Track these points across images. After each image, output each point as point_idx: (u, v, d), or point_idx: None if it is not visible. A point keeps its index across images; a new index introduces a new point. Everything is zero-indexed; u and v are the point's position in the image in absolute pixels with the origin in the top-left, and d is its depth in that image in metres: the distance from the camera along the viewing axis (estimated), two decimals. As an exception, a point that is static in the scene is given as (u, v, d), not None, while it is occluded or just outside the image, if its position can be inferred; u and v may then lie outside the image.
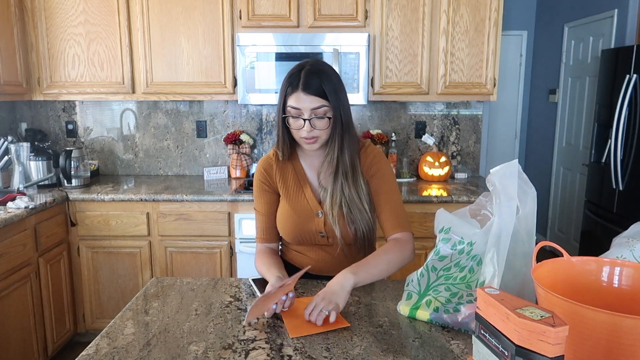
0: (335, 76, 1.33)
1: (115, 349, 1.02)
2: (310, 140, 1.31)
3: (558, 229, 4.55)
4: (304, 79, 1.29)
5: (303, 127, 1.30)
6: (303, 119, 1.29)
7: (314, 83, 1.28)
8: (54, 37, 2.78)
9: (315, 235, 1.41)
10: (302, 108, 1.28)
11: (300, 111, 1.29)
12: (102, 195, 2.61)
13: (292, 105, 1.29)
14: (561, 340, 0.65)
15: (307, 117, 1.29)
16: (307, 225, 1.40)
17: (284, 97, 1.32)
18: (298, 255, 1.49)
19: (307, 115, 1.29)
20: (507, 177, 0.99)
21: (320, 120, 1.30)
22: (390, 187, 1.41)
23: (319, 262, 1.45)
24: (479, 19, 2.75)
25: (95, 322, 2.75)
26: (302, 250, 1.48)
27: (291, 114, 1.31)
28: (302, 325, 1.11)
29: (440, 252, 1.09)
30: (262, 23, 2.75)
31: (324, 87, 1.29)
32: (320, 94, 1.28)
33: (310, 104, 1.28)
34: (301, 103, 1.28)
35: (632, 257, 1.02)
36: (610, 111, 3.12)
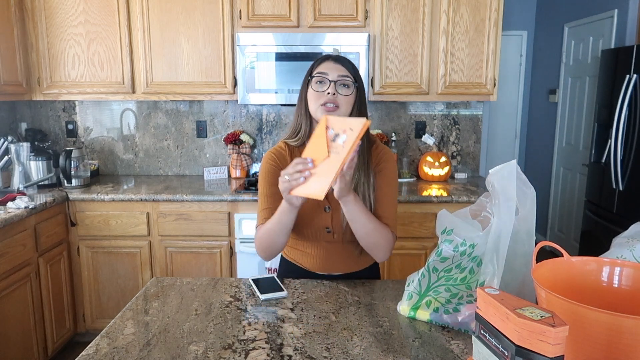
0: (359, 72, 1.42)
1: (115, 349, 1.02)
2: (330, 107, 1.32)
3: (558, 229, 4.55)
4: (335, 55, 1.39)
5: (327, 89, 1.32)
6: (329, 80, 1.32)
7: (344, 59, 1.38)
8: (54, 37, 2.78)
9: (320, 231, 1.41)
10: (329, 72, 1.33)
11: (326, 75, 1.33)
12: (102, 195, 2.61)
13: (319, 71, 1.34)
14: (561, 340, 0.65)
15: (333, 79, 1.32)
16: (314, 220, 1.40)
17: (312, 69, 1.37)
18: (298, 252, 1.48)
19: (332, 78, 1.32)
20: (506, 177, 0.99)
21: (345, 88, 1.33)
22: (390, 187, 1.42)
23: (320, 259, 1.45)
24: (479, 19, 2.75)
25: (95, 322, 2.75)
26: (303, 247, 1.47)
27: (317, 79, 1.34)
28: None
29: (443, 254, 1.09)
30: (262, 23, 2.75)
31: (352, 67, 1.37)
32: (349, 69, 1.35)
33: (337, 71, 1.33)
34: (329, 69, 1.34)
35: (632, 257, 1.02)
36: (610, 111, 3.12)
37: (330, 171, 1.08)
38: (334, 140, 1.10)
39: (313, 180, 1.11)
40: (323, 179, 1.09)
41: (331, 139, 1.11)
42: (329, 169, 1.09)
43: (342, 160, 1.07)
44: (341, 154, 1.08)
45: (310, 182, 1.11)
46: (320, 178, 1.10)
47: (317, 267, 1.45)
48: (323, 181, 1.09)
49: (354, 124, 1.09)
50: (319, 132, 1.12)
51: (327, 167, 1.09)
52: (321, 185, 1.09)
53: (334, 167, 1.08)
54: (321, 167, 1.10)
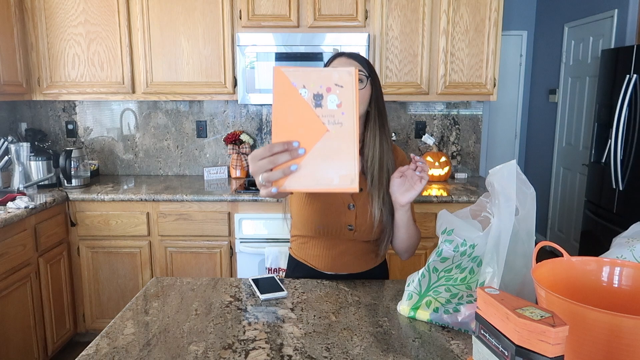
0: (374, 68, 1.37)
1: (115, 349, 1.02)
2: None
3: (558, 229, 4.55)
4: (347, 52, 1.34)
5: None
6: None
7: (358, 56, 1.34)
8: (54, 37, 2.78)
9: (342, 228, 1.38)
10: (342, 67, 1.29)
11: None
12: (102, 195, 2.61)
13: (332, 67, 1.30)
14: (561, 340, 0.65)
15: None
16: (336, 217, 1.37)
17: (326, 66, 1.33)
18: (309, 251, 1.45)
19: None
20: (506, 178, 0.99)
21: (359, 83, 1.27)
22: None
23: (332, 258, 1.42)
24: (479, 19, 2.75)
25: (95, 322, 2.75)
26: (315, 245, 1.43)
27: None
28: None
29: (443, 254, 1.09)
30: (262, 23, 2.75)
31: (366, 63, 1.33)
32: (362, 64, 1.31)
33: (350, 66, 1.28)
34: (342, 64, 1.30)
35: (632, 257, 1.02)
36: (610, 111, 3.12)
37: (343, 151, 0.83)
38: (319, 105, 0.83)
39: (318, 169, 0.84)
40: (338, 164, 0.84)
41: (312, 103, 0.84)
42: (337, 147, 0.83)
43: (355, 132, 0.83)
44: (347, 124, 0.83)
45: (316, 171, 0.84)
46: (330, 163, 0.84)
47: (329, 266, 1.43)
48: (341, 167, 0.83)
49: (336, 76, 0.83)
50: (288, 93, 0.83)
51: (331, 145, 0.84)
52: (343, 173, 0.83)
53: (346, 143, 0.83)
54: (321, 148, 0.84)
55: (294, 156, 0.83)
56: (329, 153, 0.83)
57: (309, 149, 0.83)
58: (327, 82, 0.84)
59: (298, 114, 0.83)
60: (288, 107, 0.83)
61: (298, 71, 0.83)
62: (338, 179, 0.83)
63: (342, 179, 0.83)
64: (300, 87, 0.83)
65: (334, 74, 0.83)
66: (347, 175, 0.83)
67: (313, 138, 0.83)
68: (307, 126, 0.83)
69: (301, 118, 0.83)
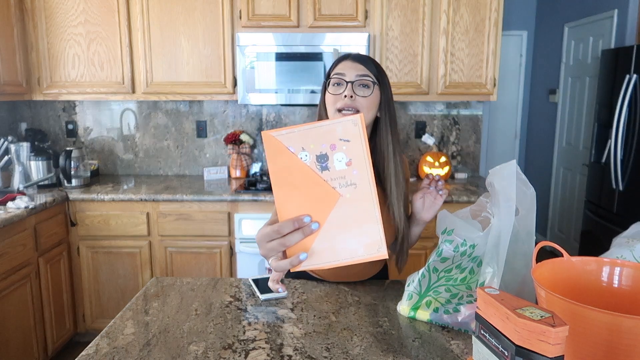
0: (383, 69, 1.30)
1: (115, 349, 1.02)
2: (349, 112, 1.18)
3: (558, 229, 4.55)
4: (355, 54, 1.27)
5: (344, 91, 1.19)
6: (345, 82, 1.20)
7: (365, 58, 1.26)
8: (54, 37, 2.78)
9: None
10: (346, 72, 1.22)
11: (343, 76, 1.21)
12: (102, 195, 2.61)
13: (336, 72, 1.23)
14: (561, 340, 0.65)
15: (350, 80, 1.20)
16: None
17: (330, 71, 1.27)
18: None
19: (350, 78, 1.20)
20: (505, 178, 0.99)
21: (364, 89, 1.21)
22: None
23: (345, 268, 1.36)
24: (479, 19, 2.75)
25: (95, 322, 2.75)
26: None
27: (334, 81, 1.23)
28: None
29: (443, 254, 1.09)
30: (262, 23, 2.75)
31: (375, 64, 1.25)
32: (370, 68, 1.23)
33: (356, 70, 1.22)
34: (346, 69, 1.22)
35: (632, 257, 1.02)
36: (610, 111, 3.12)
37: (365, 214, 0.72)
38: (326, 167, 0.72)
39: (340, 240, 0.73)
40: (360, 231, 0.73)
41: (317, 168, 0.72)
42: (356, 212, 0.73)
43: (373, 190, 0.73)
44: (361, 184, 0.72)
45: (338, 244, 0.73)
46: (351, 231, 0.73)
47: (335, 276, 1.41)
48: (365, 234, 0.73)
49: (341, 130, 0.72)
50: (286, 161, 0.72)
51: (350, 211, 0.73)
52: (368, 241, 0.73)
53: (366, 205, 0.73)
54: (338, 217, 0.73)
55: (307, 233, 0.72)
56: (348, 221, 0.72)
57: (323, 221, 0.72)
58: (329, 139, 0.71)
59: (303, 183, 0.72)
60: (289, 177, 0.71)
61: (293, 132, 0.71)
62: (362, 249, 0.73)
63: (368, 248, 0.73)
64: (300, 151, 0.71)
65: (337, 128, 0.71)
66: (372, 242, 0.73)
67: (326, 207, 0.72)
68: (317, 195, 0.72)
69: (308, 187, 0.72)
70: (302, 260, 0.73)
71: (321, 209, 0.72)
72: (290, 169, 0.71)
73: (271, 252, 0.76)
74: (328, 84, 1.25)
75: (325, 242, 0.73)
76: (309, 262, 0.74)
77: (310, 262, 0.74)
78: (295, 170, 0.71)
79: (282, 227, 0.73)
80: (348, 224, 0.73)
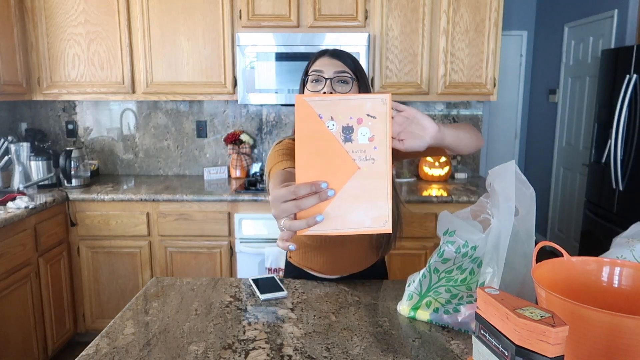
0: (360, 64, 1.30)
1: (115, 349, 1.02)
2: None
3: (558, 229, 4.55)
4: (332, 50, 1.27)
5: (322, 88, 1.20)
6: (324, 78, 1.21)
7: (342, 53, 1.26)
8: (54, 37, 2.78)
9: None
10: (324, 69, 1.22)
11: (322, 73, 1.22)
12: (102, 195, 2.61)
13: (314, 68, 1.24)
14: (561, 340, 0.65)
15: (329, 77, 1.21)
16: None
17: (308, 67, 1.27)
18: (310, 256, 1.44)
19: (328, 75, 1.21)
20: (505, 178, 0.99)
21: (343, 85, 1.21)
22: None
23: (340, 262, 1.41)
24: (479, 19, 2.75)
25: (95, 322, 2.75)
26: (325, 254, 1.41)
27: (312, 78, 1.23)
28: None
29: (444, 255, 1.09)
30: (262, 23, 2.75)
31: (352, 60, 1.25)
32: (347, 64, 1.23)
33: (334, 67, 1.22)
34: (324, 66, 1.23)
35: (632, 257, 1.02)
36: (610, 111, 3.12)
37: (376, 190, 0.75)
38: (349, 139, 0.74)
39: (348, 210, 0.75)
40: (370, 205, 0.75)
41: (341, 138, 0.74)
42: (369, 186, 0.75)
43: (388, 168, 0.75)
44: (379, 160, 0.75)
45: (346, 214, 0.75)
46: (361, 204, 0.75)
47: (332, 270, 1.42)
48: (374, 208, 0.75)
49: (370, 106, 0.74)
50: (314, 126, 0.74)
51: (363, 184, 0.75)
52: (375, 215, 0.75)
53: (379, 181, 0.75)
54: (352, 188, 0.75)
55: (323, 198, 0.74)
56: (360, 193, 0.75)
57: (339, 189, 0.74)
58: (358, 112, 0.74)
59: (325, 150, 0.74)
60: (314, 142, 0.73)
61: (325, 100, 0.74)
62: (370, 221, 0.75)
63: (374, 221, 0.75)
64: (328, 119, 0.74)
65: (367, 103, 0.74)
66: (379, 216, 0.75)
67: (343, 177, 0.74)
68: (336, 164, 0.74)
69: (329, 154, 0.74)
70: (318, 222, 0.74)
71: (338, 177, 0.74)
72: (317, 135, 0.74)
73: (284, 212, 0.76)
74: (306, 81, 1.25)
75: (337, 210, 0.75)
76: (319, 226, 0.75)
77: (320, 227, 0.75)
78: (321, 137, 0.74)
79: (299, 189, 0.74)
80: (360, 196, 0.75)
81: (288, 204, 0.75)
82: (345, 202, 0.75)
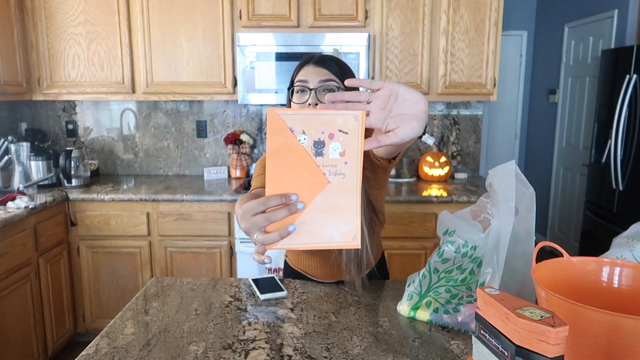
0: (348, 66, 1.25)
1: (115, 349, 1.02)
2: None
3: (558, 229, 4.55)
4: (316, 57, 1.22)
5: (307, 99, 1.16)
6: (309, 89, 1.17)
7: (326, 59, 1.21)
8: (54, 37, 2.78)
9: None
10: (309, 79, 1.18)
11: (306, 83, 1.18)
12: (102, 195, 2.61)
13: (299, 79, 1.20)
14: (561, 340, 0.65)
15: (313, 87, 1.17)
16: None
17: (293, 76, 1.24)
18: (305, 261, 1.44)
19: (313, 85, 1.17)
20: (505, 178, 0.99)
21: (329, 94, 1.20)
22: None
23: (333, 268, 1.39)
24: (479, 19, 2.75)
25: (95, 322, 2.75)
26: (310, 258, 1.41)
27: (297, 88, 1.19)
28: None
29: (444, 255, 1.09)
30: (262, 23, 2.75)
31: (337, 65, 1.20)
32: (332, 70, 1.19)
33: (318, 75, 1.18)
34: (309, 75, 1.18)
35: (632, 257, 1.02)
36: (610, 111, 3.12)
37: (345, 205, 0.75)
38: (320, 154, 0.74)
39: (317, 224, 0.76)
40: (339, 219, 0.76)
41: (312, 152, 0.74)
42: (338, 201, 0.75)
43: (358, 184, 0.75)
44: (349, 175, 0.75)
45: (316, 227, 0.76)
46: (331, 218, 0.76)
47: (327, 276, 1.41)
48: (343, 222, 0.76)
49: (342, 122, 0.74)
50: (285, 139, 0.73)
51: (333, 199, 0.75)
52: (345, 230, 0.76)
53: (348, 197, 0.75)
54: (322, 202, 0.75)
55: (293, 211, 0.74)
56: (330, 207, 0.75)
57: (308, 202, 0.75)
58: (330, 127, 0.74)
59: (296, 164, 0.74)
60: (285, 155, 0.74)
61: (297, 115, 0.74)
62: (339, 236, 0.76)
63: (344, 236, 0.76)
64: (300, 133, 0.74)
65: (339, 119, 0.74)
66: (349, 232, 0.76)
67: (313, 191, 0.75)
68: (306, 177, 0.74)
69: (299, 168, 0.74)
70: (290, 232, 0.74)
71: (308, 191, 0.75)
72: (288, 148, 0.74)
73: (254, 227, 0.76)
74: (292, 92, 1.22)
75: (307, 225, 0.75)
76: (289, 239, 0.75)
77: (290, 241, 0.76)
78: (292, 151, 0.74)
79: (269, 200, 0.74)
80: (330, 211, 0.76)
81: (258, 217, 0.75)
82: (314, 216, 0.75)
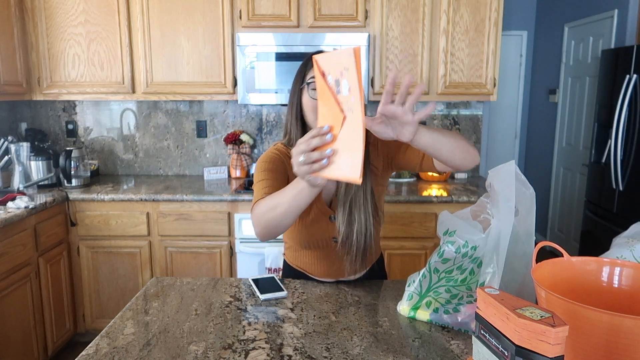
0: None
1: (115, 349, 1.02)
2: None
3: (558, 229, 4.55)
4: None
5: None
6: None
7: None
8: (54, 37, 2.78)
9: (327, 241, 1.36)
10: None
11: None
12: (102, 195, 2.61)
13: (312, 76, 1.20)
14: (561, 340, 0.65)
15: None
16: (319, 231, 1.35)
17: (304, 74, 1.25)
18: (303, 259, 1.44)
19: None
20: (504, 178, 0.99)
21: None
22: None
23: (327, 267, 1.40)
24: (479, 19, 2.75)
25: (95, 322, 2.75)
26: (308, 256, 1.42)
27: (313, 86, 1.19)
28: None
29: (445, 255, 1.09)
30: (262, 23, 2.75)
31: None
32: None
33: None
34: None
35: (632, 257, 1.02)
36: (610, 111, 3.12)
37: (354, 140, 0.81)
38: (339, 91, 0.82)
39: (339, 157, 0.84)
40: (350, 154, 0.83)
41: (335, 90, 0.83)
42: (350, 136, 0.82)
43: (362, 119, 0.80)
44: (356, 110, 0.81)
45: (337, 159, 0.85)
46: (346, 152, 0.83)
47: (325, 274, 1.42)
48: (352, 157, 0.82)
49: (344, 59, 0.79)
50: (322, 86, 0.84)
51: (347, 133, 0.83)
52: (352, 163, 0.82)
53: (356, 132, 0.81)
54: (342, 136, 0.84)
55: (323, 141, 0.85)
56: (346, 142, 0.84)
57: (337, 135, 0.84)
58: (339, 66, 0.80)
59: (328, 101, 0.84)
60: (323, 94, 0.84)
61: (322, 57, 0.83)
62: (349, 169, 0.83)
63: (352, 170, 0.83)
64: (328, 74, 0.82)
65: (341, 57, 0.79)
66: (354, 167, 0.82)
67: (338, 125, 0.84)
68: (334, 113, 0.83)
69: (330, 105, 0.83)
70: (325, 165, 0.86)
71: (336, 125, 0.84)
72: (323, 87, 0.84)
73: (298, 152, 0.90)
74: (306, 88, 1.23)
75: (334, 156, 0.86)
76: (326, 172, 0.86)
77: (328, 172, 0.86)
78: (325, 89, 0.84)
79: (309, 134, 0.88)
80: (345, 145, 0.84)
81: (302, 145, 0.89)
82: (338, 147, 0.84)
